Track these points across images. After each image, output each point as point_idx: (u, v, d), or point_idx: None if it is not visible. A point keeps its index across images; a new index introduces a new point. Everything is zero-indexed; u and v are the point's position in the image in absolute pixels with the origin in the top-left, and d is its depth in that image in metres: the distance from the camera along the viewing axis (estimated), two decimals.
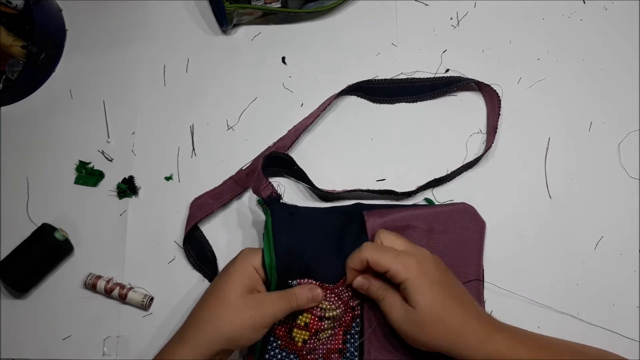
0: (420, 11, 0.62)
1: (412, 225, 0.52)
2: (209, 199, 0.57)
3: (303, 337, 0.49)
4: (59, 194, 0.60)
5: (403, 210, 0.52)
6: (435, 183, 0.56)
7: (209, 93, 0.61)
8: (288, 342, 0.49)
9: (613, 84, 0.59)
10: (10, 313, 0.57)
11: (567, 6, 0.61)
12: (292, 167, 0.56)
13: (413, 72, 0.60)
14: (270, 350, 0.49)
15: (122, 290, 0.55)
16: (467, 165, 0.56)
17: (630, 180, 0.56)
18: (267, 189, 0.52)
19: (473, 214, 0.53)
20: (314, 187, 0.56)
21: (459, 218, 0.53)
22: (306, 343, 0.49)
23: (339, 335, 0.50)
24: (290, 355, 0.49)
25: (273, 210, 0.50)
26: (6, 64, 0.63)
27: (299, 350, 0.49)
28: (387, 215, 0.51)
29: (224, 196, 0.57)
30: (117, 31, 0.64)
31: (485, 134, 0.58)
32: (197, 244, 0.56)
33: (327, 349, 0.49)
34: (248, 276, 0.48)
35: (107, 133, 0.61)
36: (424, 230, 0.52)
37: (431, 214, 0.52)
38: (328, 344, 0.49)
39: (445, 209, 0.53)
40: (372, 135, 0.59)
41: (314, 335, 0.49)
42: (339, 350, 0.50)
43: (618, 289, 0.54)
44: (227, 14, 0.58)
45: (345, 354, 0.50)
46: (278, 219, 0.50)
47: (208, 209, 0.56)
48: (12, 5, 0.62)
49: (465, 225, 0.53)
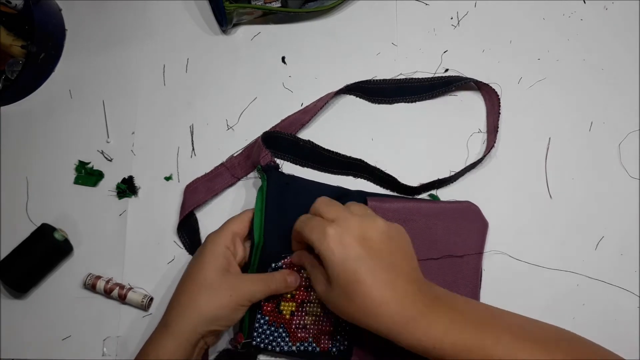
0: (420, 11, 0.62)
1: (414, 218, 0.52)
2: (202, 186, 0.57)
3: (290, 308, 0.50)
4: (59, 194, 0.59)
5: (407, 202, 0.53)
6: (439, 184, 0.56)
7: (209, 93, 0.61)
8: (276, 315, 0.50)
9: (613, 84, 0.59)
10: (10, 313, 0.57)
11: (567, 6, 0.61)
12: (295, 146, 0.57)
13: (412, 73, 0.60)
14: (258, 328, 0.50)
15: (122, 291, 0.55)
16: (470, 166, 0.56)
17: (631, 180, 0.56)
18: (266, 158, 0.53)
19: (476, 213, 0.53)
20: (314, 147, 0.56)
21: (462, 216, 0.53)
22: (294, 315, 0.50)
23: (330, 317, 0.50)
24: (279, 329, 0.50)
25: (269, 177, 0.52)
26: (6, 64, 0.63)
27: (287, 323, 0.50)
28: (390, 203, 0.52)
29: (217, 186, 0.57)
30: (117, 31, 0.64)
31: (485, 133, 0.58)
32: (192, 230, 0.57)
33: (318, 330, 0.50)
34: (222, 256, 0.48)
35: (107, 133, 0.61)
36: (426, 224, 0.52)
37: (434, 210, 0.53)
38: (319, 324, 0.50)
39: (449, 206, 0.53)
40: (373, 135, 0.59)
41: (301, 307, 0.50)
42: (330, 332, 0.50)
43: (618, 289, 0.54)
44: (227, 13, 0.58)
45: (335, 336, 0.50)
46: (273, 185, 0.51)
47: (202, 198, 0.56)
48: (11, 5, 0.62)
49: (468, 223, 0.53)
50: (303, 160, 0.58)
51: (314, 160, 0.58)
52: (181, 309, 0.47)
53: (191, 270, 0.49)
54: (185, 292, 0.47)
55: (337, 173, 0.58)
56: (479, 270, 0.53)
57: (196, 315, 0.46)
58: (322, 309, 0.50)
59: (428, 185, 0.56)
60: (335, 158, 0.57)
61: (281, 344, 0.50)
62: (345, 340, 0.50)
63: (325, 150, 0.57)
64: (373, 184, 0.57)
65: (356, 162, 0.56)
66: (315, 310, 0.50)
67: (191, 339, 0.45)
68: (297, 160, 0.58)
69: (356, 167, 0.57)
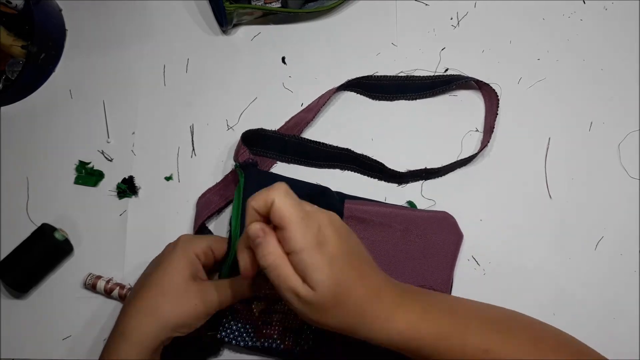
0: (420, 11, 0.62)
1: (390, 224, 0.52)
2: (213, 195, 0.57)
3: (261, 307, 0.50)
4: (59, 194, 0.59)
5: (384, 207, 0.53)
6: (427, 174, 0.56)
7: (209, 93, 0.61)
8: (245, 314, 0.50)
9: (613, 84, 0.59)
10: (10, 313, 0.57)
11: (567, 6, 0.61)
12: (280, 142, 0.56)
13: (413, 71, 0.60)
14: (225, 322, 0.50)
15: (122, 291, 0.55)
16: (460, 162, 0.56)
17: (630, 180, 0.56)
18: (244, 155, 0.54)
19: (452, 224, 0.53)
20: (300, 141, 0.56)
21: (438, 226, 0.53)
22: (262, 313, 0.50)
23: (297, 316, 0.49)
24: (247, 325, 0.50)
25: (247, 174, 0.52)
26: (6, 64, 0.63)
27: (255, 319, 0.50)
28: (367, 206, 0.52)
29: (228, 192, 0.57)
30: (117, 31, 0.64)
31: (482, 132, 0.58)
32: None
33: (283, 327, 0.50)
34: (190, 263, 0.46)
35: (107, 133, 0.61)
36: (400, 231, 0.52)
37: (411, 217, 0.53)
38: (285, 322, 0.50)
39: (426, 215, 0.53)
40: (372, 133, 0.59)
41: (270, 304, 0.50)
42: (295, 330, 0.50)
43: (618, 289, 0.54)
44: (227, 14, 0.58)
45: (301, 335, 0.50)
46: (250, 182, 0.52)
47: (214, 207, 0.56)
48: (12, 5, 0.62)
49: (443, 234, 0.53)
50: (289, 156, 0.58)
51: (301, 155, 0.57)
52: (142, 316, 0.44)
53: (155, 273, 0.46)
54: (146, 298, 0.45)
55: (325, 166, 0.58)
56: (450, 282, 0.52)
57: (159, 323, 0.44)
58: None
59: (415, 172, 0.56)
60: (321, 149, 0.57)
61: (246, 339, 0.50)
62: (310, 340, 0.50)
63: (312, 141, 0.57)
64: (360, 174, 0.57)
65: (343, 152, 0.56)
66: (283, 308, 0.50)
67: (151, 346, 0.44)
68: (283, 157, 0.58)
69: (343, 158, 0.57)
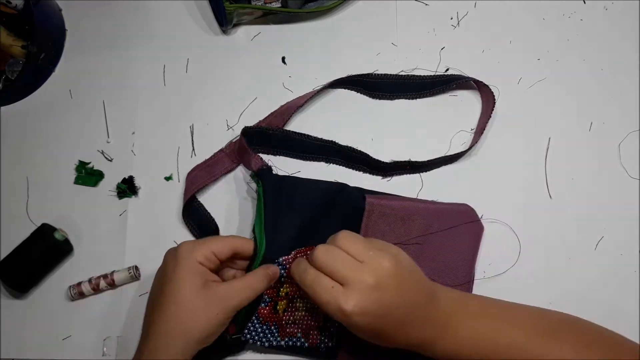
0: (420, 11, 0.62)
1: (412, 217, 0.52)
2: (201, 172, 0.57)
3: (284, 306, 0.50)
4: (59, 194, 0.59)
5: (405, 201, 0.53)
6: (411, 166, 0.56)
7: (209, 93, 0.61)
8: (271, 316, 0.50)
9: (613, 84, 0.59)
10: (10, 313, 0.57)
11: (567, 6, 0.61)
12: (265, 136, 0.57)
13: (412, 70, 0.60)
14: (250, 326, 0.50)
15: (107, 279, 0.55)
16: (445, 158, 0.56)
17: (630, 180, 0.56)
18: (257, 162, 0.53)
19: (473, 217, 0.54)
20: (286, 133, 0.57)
21: (459, 218, 0.53)
22: (285, 311, 0.50)
23: (320, 313, 0.50)
24: (271, 327, 0.50)
25: (265, 181, 0.52)
26: (6, 64, 0.63)
27: (278, 319, 0.50)
28: (388, 201, 0.52)
29: (216, 171, 0.57)
30: (117, 31, 0.64)
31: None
32: (197, 215, 0.57)
33: (307, 325, 0.50)
34: (197, 272, 0.46)
35: (107, 133, 0.61)
36: (422, 225, 0.52)
37: (432, 210, 0.53)
38: (309, 319, 0.50)
39: (447, 207, 0.53)
40: (372, 132, 0.59)
41: (291, 302, 0.50)
42: (319, 327, 0.50)
43: (618, 289, 0.54)
44: (227, 14, 0.58)
45: (324, 332, 0.50)
46: (270, 189, 0.51)
47: (201, 182, 0.56)
48: (12, 5, 0.62)
49: (464, 226, 0.53)
50: (275, 149, 0.58)
51: (287, 147, 0.58)
52: (168, 337, 0.44)
53: (167, 291, 0.46)
54: (168, 317, 0.45)
55: (310, 159, 0.58)
56: (472, 274, 0.53)
57: (185, 341, 0.44)
58: (312, 304, 0.50)
59: (399, 164, 0.56)
60: (306, 141, 0.57)
61: (270, 339, 0.50)
62: (334, 337, 0.50)
63: (297, 134, 0.57)
64: (345, 167, 0.57)
65: (327, 144, 0.57)
66: (306, 305, 0.50)
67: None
68: (269, 150, 0.58)
69: (328, 150, 0.57)
